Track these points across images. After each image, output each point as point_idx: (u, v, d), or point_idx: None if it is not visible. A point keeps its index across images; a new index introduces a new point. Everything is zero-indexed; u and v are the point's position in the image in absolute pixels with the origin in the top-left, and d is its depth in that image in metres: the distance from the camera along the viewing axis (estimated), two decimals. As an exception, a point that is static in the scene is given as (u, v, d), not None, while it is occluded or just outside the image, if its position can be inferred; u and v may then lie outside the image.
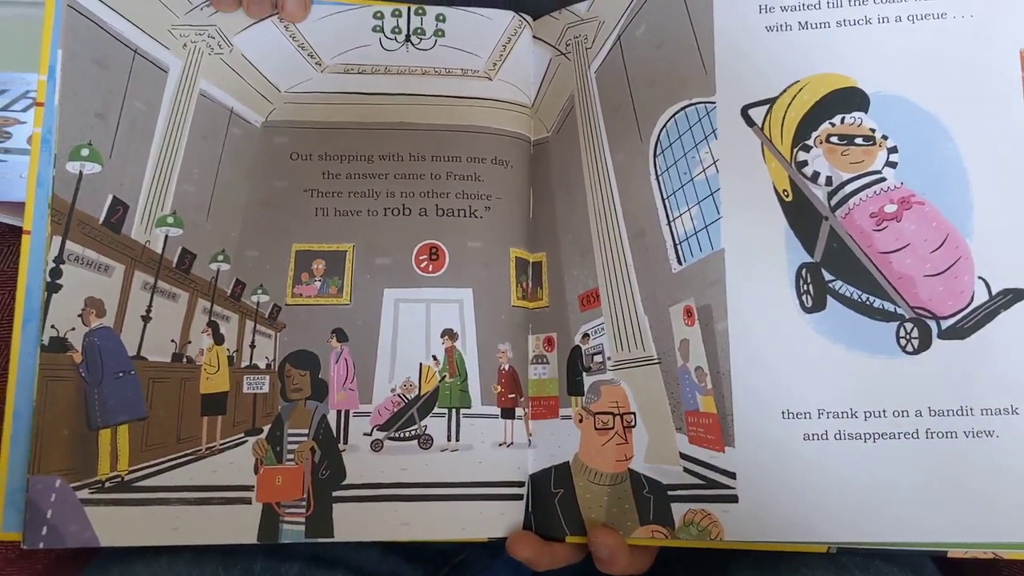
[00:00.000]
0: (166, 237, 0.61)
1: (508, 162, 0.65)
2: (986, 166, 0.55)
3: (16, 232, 0.64)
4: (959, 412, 0.53)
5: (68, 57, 0.60)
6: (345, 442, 0.60)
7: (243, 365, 0.61)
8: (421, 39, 0.67)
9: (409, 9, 0.67)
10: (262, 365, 0.61)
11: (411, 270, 0.63)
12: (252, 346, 0.61)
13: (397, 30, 0.67)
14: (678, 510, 0.56)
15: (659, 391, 0.58)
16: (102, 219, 0.59)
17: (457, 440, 0.61)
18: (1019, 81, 0.56)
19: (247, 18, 0.65)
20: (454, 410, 0.61)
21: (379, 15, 0.67)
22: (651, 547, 0.58)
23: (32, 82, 0.82)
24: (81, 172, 0.59)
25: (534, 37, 0.67)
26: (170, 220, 0.61)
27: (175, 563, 0.57)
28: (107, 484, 0.56)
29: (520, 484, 0.60)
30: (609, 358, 0.60)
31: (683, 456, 0.57)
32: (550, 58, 0.67)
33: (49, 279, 0.57)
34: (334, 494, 0.59)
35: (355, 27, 0.66)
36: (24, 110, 0.78)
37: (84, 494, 0.56)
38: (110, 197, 0.60)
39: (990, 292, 0.54)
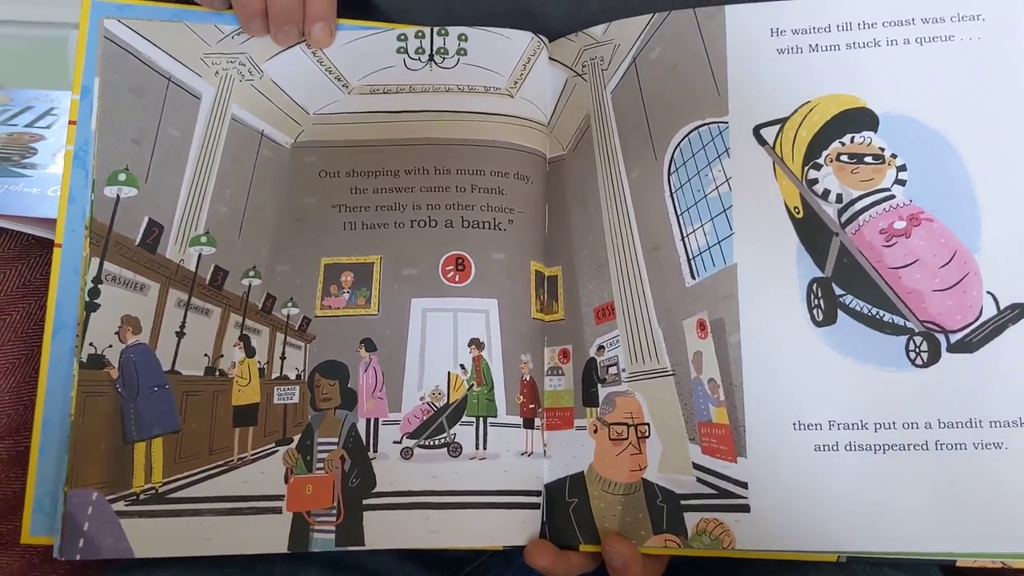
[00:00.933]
0: (199, 255, 0.61)
1: (529, 177, 0.65)
2: (993, 183, 0.55)
3: (43, 244, 0.65)
4: (968, 424, 0.53)
5: (105, 86, 0.61)
6: (375, 450, 0.60)
7: (274, 376, 0.61)
8: (444, 58, 0.67)
9: (432, 30, 0.67)
10: (292, 376, 0.61)
11: (438, 280, 0.63)
12: (283, 358, 0.62)
13: (420, 50, 0.67)
14: (691, 519, 0.56)
15: (673, 402, 0.58)
16: (138, 240, 0.60)
17: (485, 448, 0.61)
18: (1025, 100, 0.56)
19: (276, 45, 0.65)
20: (481, 419, 0.61)
21: (403, 37, 0.67)
22: (663, 555, 0.58)
23: (56, 99, 0.83)
24: (118, 196, 0.60)
25: (550, 59, 0.67)
26: (203, 239, 0.62)
27: (195, 566, 0.58)
28: (142, 496, 0.57)
29: (538, 493, 0.61)
30: (624, 370, 0.60)
31: (696, 466, 0.56)
32: (566, 79, 0.67)
33: (88, 298, 0.58)
34: (364, 502, 0.59)
35: (380, 49, 0.67)
36: (49, 127, 0.79)
37: (119, 506, 0.56)
38: (146, 219, 0.60)
39: (998, 307, 0.54)
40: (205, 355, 0.60)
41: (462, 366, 0.62)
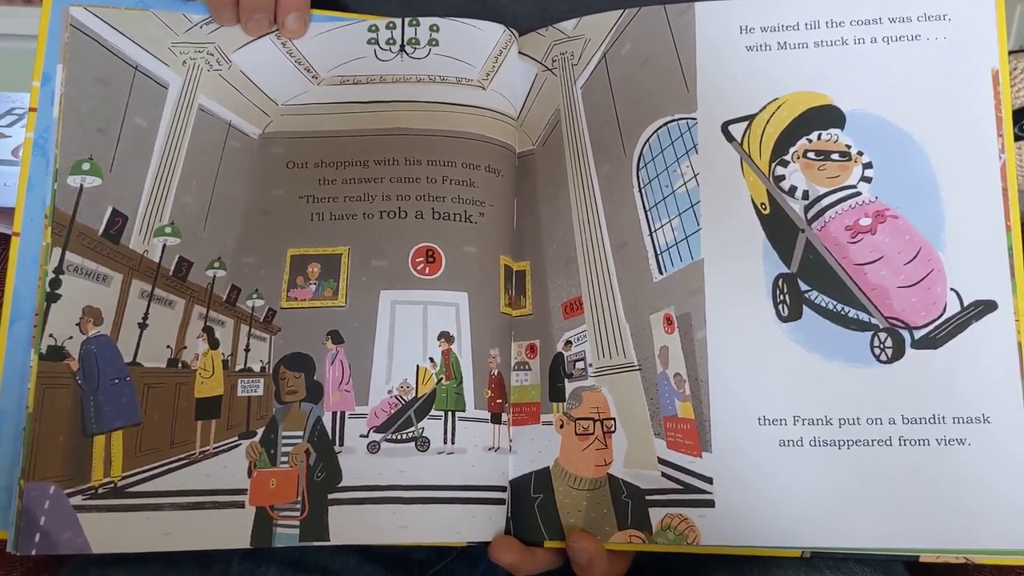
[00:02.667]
0: (164, 246, 0.59)
1: (499, 171, 0.63)
2: (958, 181, 0.54)
3: (1, 238, 0.62)
4: (932, 420, 0.52)
5: (71, 75, 0.58)
6: (341, 444, 0.58)
7: (238, 368, 0.59)
8: (415, 48, 0.64)
9: (403, 21, 0.65)
10: (257, 368, 0.59)
11: (408, 272, 0.60)
12: (247, 349, 0.59)
13: (392, 41, 0.64)
14: (655, 515, 0.54)
15: (639, 397, 0.56)
16: (101, 230, 0.57)
17: (453, 443, 0.58)
18: (990, 99, 0.55)
19: (245, 35, 0.63)
20: (450, 413, 0.59)
21: (374, 28, 0.65)
22: (628, 551, 0.56)
23: (17, 100, 0.81)
24: (82, 186, 0.57)
25: (520, 53, 0.65)
26: (168, 230, 0.59)
27: (150, 564, 0.55)
28: (100, 490, 0.54)
29: (503, 489, 0.58)
30: (591, 365, 0.58)
31: (661, 461, 0.55)
32: (536, 73, 0.65)
33: (48, 289, 0.55)
34: (330, 496, 0.56)
35: (350, 41, 0.64)
36: (9, 125, 0.76)
37: (77, 500, 0.54)
38: (110, 209, 0.58)
39: (962, 303, 0.53)
40: (168, 347, 0.58)
41: (431, 359, 0.59)
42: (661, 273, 0.57)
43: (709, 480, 0.53)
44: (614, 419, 0.57)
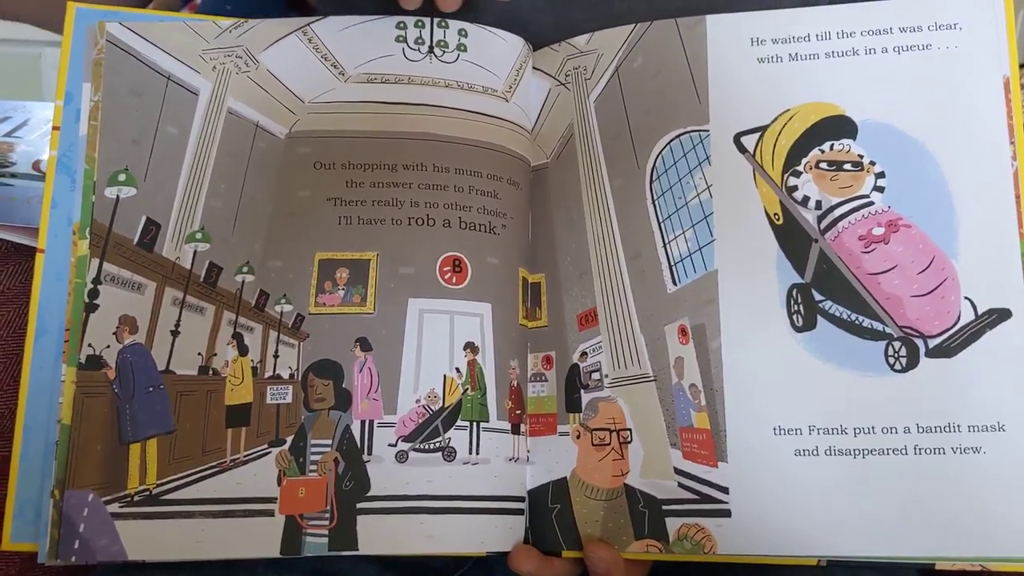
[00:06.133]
0: (195, 252, 0.56)
1: (518, 183, 0.59)
2: (970, 190, 0.50)
3: (21, 251, 0.59)
4: (947, 429, 0.48)
5: (107, 89, 0.55)
6: (369, 453, 0.54)
7: (267, 375, 0.55)
8: (444, 51, 0.60)
9: (432, 20, 0.60)
10: (285, 375, 0.55)
11: (435, 281, 0.56)
12: (276, 356, 0.56)
13: (420, 40, 0.60)
14: (672, 524, 0.50)
15: (654, 408, 0.53)
16: (136, 239, 0.54)
17: (478, 453, 0.54)
18: (1002, 108, 0.51)
19: (273, 34, 0.59)
20: (474, 423, 0.55)
21: (402, 25, 0.60)
22: (645, 561, 0.53)
23: (32, 110, 0.78)
24: (118, 196, 0.54)
25: (534, 68, 0.61)
26: (199, 236, 0.56)
27: (176, 572, 0.52)
28: (136, 498, 0.51)
29: (522, 499, 0.55)
30: (606, 375, 0.55)
31: (677, 471, 0.51)
32: (549, 88, 0.61)
33: (87, 299, 0.53)
34: (358, 506, 0.52)
35: (378, 37, 0.60)
36: (24, 138, 0.73)
37: (114, 508, 0.51)
38: (144, 218, 0.55)
39: (976, 312, 0.49)
40: (199, 354, 0.55)
41: (457, 369, 0.55)
42: (675, 284, 0.54)
43: (725, 490, 0.49)
44: (630, 430, 0.53)
